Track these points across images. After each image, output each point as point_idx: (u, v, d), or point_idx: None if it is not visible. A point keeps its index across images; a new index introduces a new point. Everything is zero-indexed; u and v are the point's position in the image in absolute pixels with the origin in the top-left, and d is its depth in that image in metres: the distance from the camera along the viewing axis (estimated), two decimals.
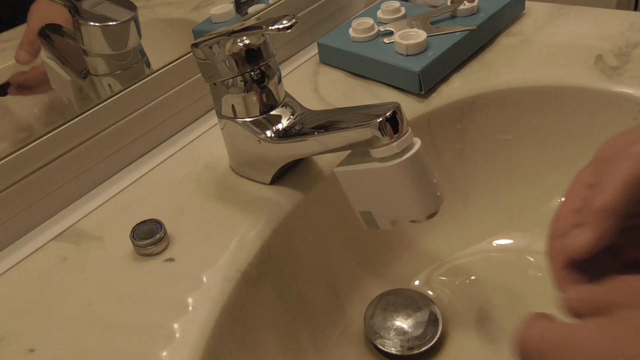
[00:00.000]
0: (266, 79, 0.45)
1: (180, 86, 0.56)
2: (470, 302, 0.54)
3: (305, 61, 0.66)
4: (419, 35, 0.59)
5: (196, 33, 0.62)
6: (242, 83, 0.44)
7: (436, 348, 0.50)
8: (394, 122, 0.37)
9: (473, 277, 0.56)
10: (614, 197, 0.29)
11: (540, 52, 0.61)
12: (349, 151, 0.43)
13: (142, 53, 0.54)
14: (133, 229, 0.45)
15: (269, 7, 0.63)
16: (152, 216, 0.46)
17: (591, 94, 0.56)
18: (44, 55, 0.51)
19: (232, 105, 0.45)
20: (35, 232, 0.48)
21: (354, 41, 0.62)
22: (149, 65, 0.55)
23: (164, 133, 0.56)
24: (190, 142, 0.56)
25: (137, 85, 0.52)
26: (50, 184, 0.48)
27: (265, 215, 0.47)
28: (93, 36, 0.51)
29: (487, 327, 0.52)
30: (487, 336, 0.51)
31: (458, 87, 0.59)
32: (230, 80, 0.44)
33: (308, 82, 0.62)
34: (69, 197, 0.50)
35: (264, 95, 0.45)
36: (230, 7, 0.62)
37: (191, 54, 0.52)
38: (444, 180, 0.59)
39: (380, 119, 0.37)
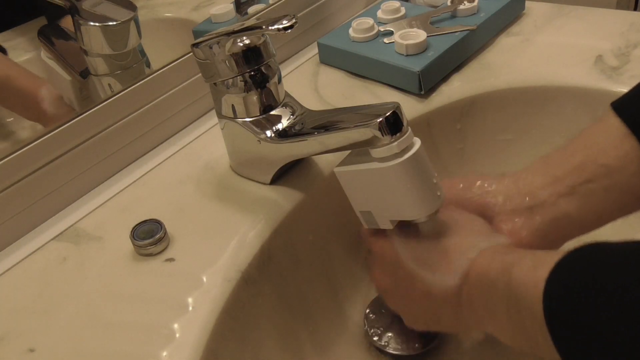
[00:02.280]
0: (266, 79, 0.45)
1: (180, 86, 0.56)
2: None
3: (305, 61, 0.66)
4: (419, 35, 0.59)
5: (196, 33, 0.62)
6: (242, 83, 0.44)
7: (436, 348, 0.50)
8: (394, 122, 0.37)
9: None
10: None
11: (540, 52, 0.61)
12: (349, 151, 0.43)
13: (142, 53, 0.54)
14: (133, 229, 0.45)
15: (269, 7, 0.63)
16: (152, 216, 0.46)
17: (591, 94, 0.56)
18: (44, 55, 0.51)
19: (232, 105, 0.45)
20: (35, 232, 0.48)
21: (354, 41, 0.62)
22: (149, 65, 0.55)
23: (164, 133, 0.56)
24: (190, 142, 0.56)
25: (137, 85, 0.52)
26: (50, 184, 0.48)
27: (265, 215, 0.47)
28: (93, 36, 0.51)
29: None
30: (487, 336, 0.51)
31: (458, 87, 0.59)
32: (230, 80, 0.44)
33: (308, 82, 0.62)
34: (69, 197, 0.50)
35: (264, 95, 0.45)
36: (230, 7, 0.62)
37: (191, 54, 0.52)
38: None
39: (380, 119, 0.37)
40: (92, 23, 0.50)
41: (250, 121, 0.46)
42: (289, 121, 0.46)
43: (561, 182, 0.41)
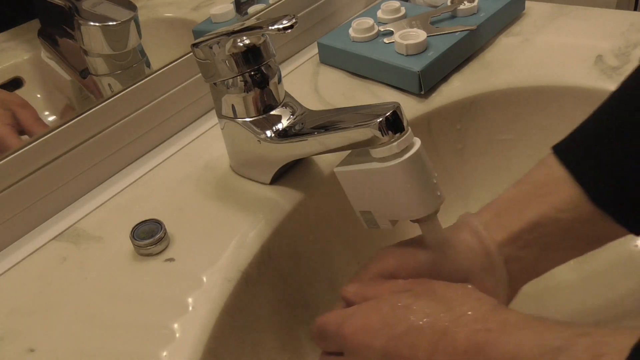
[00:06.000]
0: (266, 78, 0.45)
1: (180, 86, 0.56)
2: None
3: (305, 61, 0.66)
4: (419, 35, 0.59)
5: (196, 33, 0.62)
6: (242, 83, 0.44)
7: None
8: (394, 122, 0.37)
9: None
10: None
11: (540, 52, 0.61)
12: (349, 151, 0.43)
13: (142, 53, 0.54)
14: (133, 228, 0.45)
15: (269, 7, 0.63)
16: (152, 216, 0.46)
17: (591, 94, 0.56)
18: (44, 55, 0.51)
19: (232, 105, 0.45)
20: (35, 232, 0.48)
21: (354, 41, 0.62)
22: (149, 65, 0.55)
23: (164, 133, 0.56)
24: (190, 142, 0.56)
25: (137, 85, 0.52)
26: (50, 184, 0.48)
27: (265, 215, 0.47)
28: (93, 36, 0.51)
29: None
30: None
31: (458, 87, 0.59)
32: (230, 80, 0.44)
33: (308, 82, 0.62)
34: (69, 197, 0.50)
35: (264, 95, 0.45)
36: (230, 7, 0.62)
37: (191, 54, 0.52)
38: (444, 180, 0.58)
39: (380, 119, 0.37)
40: (92, 23, 0.50)
41: (250, 121, 0.46)
42: (289, 121, 0.46)
43: (520, 238, 0.40)
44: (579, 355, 0.26)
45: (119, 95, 0.51)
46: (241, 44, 0.43)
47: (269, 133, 0.45)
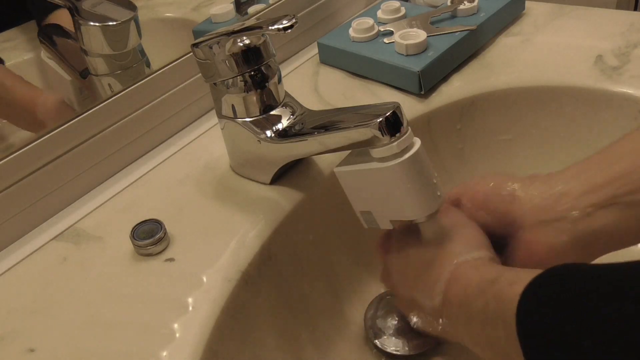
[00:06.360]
0: (266, 78, 0.45)
1: (180, 86, 0.56)
2: None
3: (305, 61, 0.66)
4: (419, 35, 0.59)
5: (196, 33, 0.62)
6: (242, 83, 0.44)
7: (436, 348, 0.50)
8: (394, 122, 0.37)
9: None
10: None
11: (540, 52, 0.61)
12: (349, 151, 0.43)
13: (142, 53, 0.54)
14: (133, 229, 0.45)
15: (269, 7, 0.63)
16: (152, 216, 0.46)
17: (591, 94, 0.56)
18: (44, 55, 0.52)
19: (232, 105, 0.46)
20: (35, 232, 0.48)
21: (354, 41, 0.62)
22: (149, 65, 0.55)
23: (164, 133, 0.56)
24: (190, 142, 0.56)
25: (137, 85, 0.52)
26: (51, 184, 0.48)
27: (265, 215, 0.47)
28: (93, 36, 0.51)
29: None
30: None
31: (458, 87, 0.59)
32: (230, 80, 0.44)
33: (308, 82, 0.62)
34: (69, 197, 0.50)
35: (264, 95, 0.45)
36: (230, 7, 0.62)
37: (191, 54, 0.52)
38: (444, 180, 0.58)
39: (380, 119, 0.37)
40: (92, 23, 0.50)
41: (250, 121, 0.46)
42: (289, 121, 0.46)
43: (600, 190, 0.37)
44: (502, 283, 0.34)
45: (119, 95, 0.51)
46: (241, 44, 0.43)
47: (269, 133, 0.45)
